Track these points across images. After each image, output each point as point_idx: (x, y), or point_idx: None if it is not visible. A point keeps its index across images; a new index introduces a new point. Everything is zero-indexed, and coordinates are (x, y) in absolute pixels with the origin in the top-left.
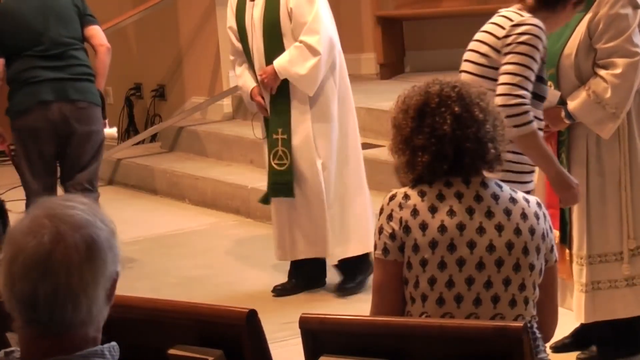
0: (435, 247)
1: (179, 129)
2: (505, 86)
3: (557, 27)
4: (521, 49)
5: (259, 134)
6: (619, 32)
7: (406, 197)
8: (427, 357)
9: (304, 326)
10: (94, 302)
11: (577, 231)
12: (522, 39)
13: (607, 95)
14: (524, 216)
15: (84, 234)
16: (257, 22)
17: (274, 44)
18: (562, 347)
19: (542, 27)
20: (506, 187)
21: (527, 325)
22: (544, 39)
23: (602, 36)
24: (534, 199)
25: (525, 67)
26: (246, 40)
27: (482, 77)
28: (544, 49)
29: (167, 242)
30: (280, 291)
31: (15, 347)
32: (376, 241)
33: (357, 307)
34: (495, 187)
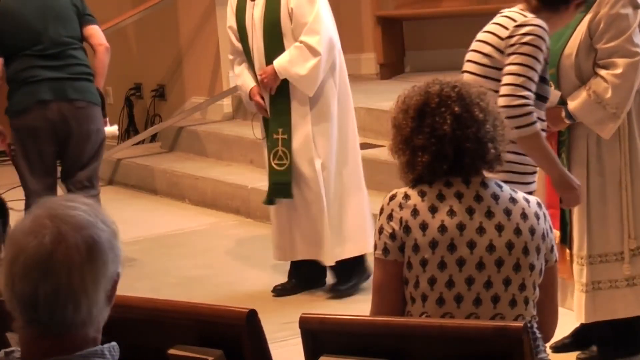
0: (435, 247)
1: (179, 129)
2: (508, 87)
3: (559, 27)
4: (525, 50)
5: (258, 134)
6: (619, 32)
7: (406, 197)
8: (427, 357)
9: (304, 326)
10: (94, 302)
11: (577, 231)
12: (526, 39)
13: (608, 95)
14: (524, 216)
15: (85, 235)
16: (258, 22)
17: (274, 44)
18: (562, 347)
19: (546, 28)
20: (506, 187)
21: (527, 325)
22: (547, 39)
23: (602, 36)
24: (534, 199)
25: (528, 68)
26: (246, 40)
27: (484, 78)
28: (547, 50)
29: (167, 242)
30: (280, 291)
31: (15, 347)
32: (376, 241)
33: (357, 307)
34: (495, 187)
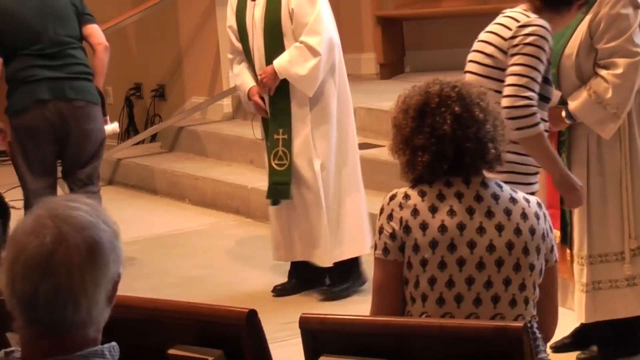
0: (435, 247)
1: (179, 129)
2: (512, 87)
3: (561, 27)
4: (528, 50)
5: (258, 134)
6: (619, 32)
7: (406, 197)
8: (427, 357)
9: (304, 326)
10: (94, 303)
11: (577, 231)
12: (529, 40)
13: (608, 95)
14: (524, 216)
15: (86, 235)
16: (258, 22)
17: (274, 44)
18: (562, 347)
19: (549, 28)
20: (506, 187)
21: (527, 325)
22: (550, 40)
23: (603, 36)
24: (534, 199)
25: (532, 69)
26: (247, 40)
27: (487, 78)
28: (550, 50)
29: (167, 242)
30: (280, 291)
31: (15, 347)
32: (376, 241)
33: (356, 307)
34: (495, 187)
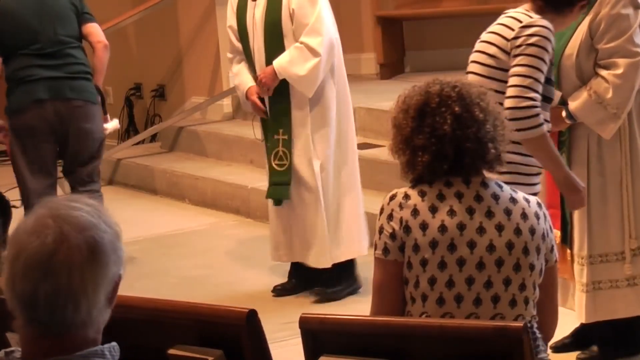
0: (435, 247)
1: (179, 129)
2: (515, 88)
3: (562, 28)
4: (531, 51)
5: (259, 135)
6: (620, 32)
7: (406, 197)
8: (427, 357)
9: (304, 326)
10: (94, 303)
11: (578, 231)
12: (532, 40)
13: (609, 95)
14: (524, 216)
15: (87, 236)
16: (259, 22)
17: (274, 44)
18: (562, 347)
19: (551, 29)
20: (506, 187)
21: (527, 325)
22: (553, 40)
23: (603, 36)
24: (534, 199)
25: (535, 69)
26: (247, 40)
27: (489, 79)
28: (553, 51)
29: (167, 242)
30: (280, 291)
31: (15, 347)
32: (376, 241)
33: (356, 307)
34: (495, 187)
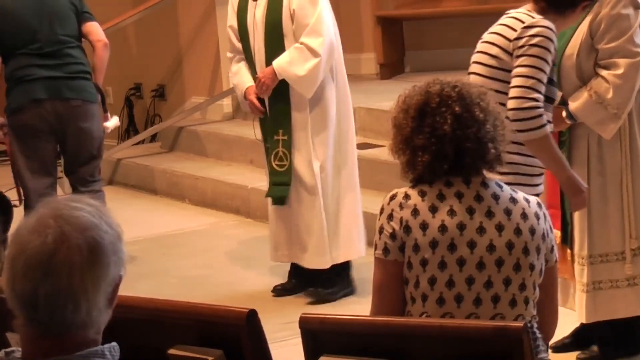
0: (435, 246)
1: (179, 129)
2: (518, 89)
3: (564, 28)
4: (534, 52)
5: (259, 135)
6: (620, 32)
7: (406, 197)
8: (427, 357)
9: (304, 326)
10: (94, 304)
11: (578, 231)
12: (535, 41)
13: (609, 95)
14: (524, 216)
15: (88, 236)
16: (259, 22)
17: (275, 44)
18: (562, 347)
19: (554, 29)
20: (506, 187)
21: (527, 325)
22: (555, 41)
23: (603, 36)
24: (534, 199)
25: (538, 70)
26: (247, 40)
27: (491, 79)
28: (555, 51)
29: (167, 242)
30: (280, 291)
31: (15, 347)
32: (376, 241)
33: (356, 307)
34: (495, 187)
